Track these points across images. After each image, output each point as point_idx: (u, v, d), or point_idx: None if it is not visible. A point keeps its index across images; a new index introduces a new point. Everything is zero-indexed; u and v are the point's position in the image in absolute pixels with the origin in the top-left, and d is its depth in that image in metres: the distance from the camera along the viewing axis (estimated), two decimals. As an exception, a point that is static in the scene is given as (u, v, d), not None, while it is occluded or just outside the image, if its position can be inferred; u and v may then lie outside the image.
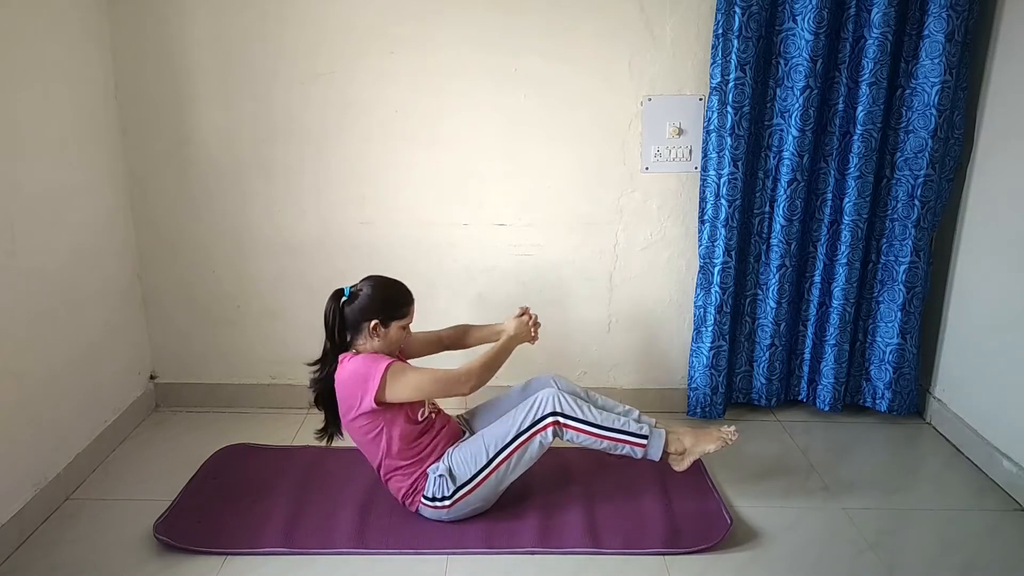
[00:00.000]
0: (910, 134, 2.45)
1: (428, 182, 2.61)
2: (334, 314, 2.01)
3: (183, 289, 2.71)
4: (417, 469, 2.04)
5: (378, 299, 2.02)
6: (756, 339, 2.70)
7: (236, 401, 2.80)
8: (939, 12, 2.31)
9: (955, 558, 1.97)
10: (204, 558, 1.93)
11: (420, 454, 2.04)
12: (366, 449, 2.07)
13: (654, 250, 2.69)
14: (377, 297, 2.02)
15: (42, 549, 1.98)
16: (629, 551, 1.97)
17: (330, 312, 2.02)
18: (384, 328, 2.02)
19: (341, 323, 2.02)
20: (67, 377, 2.25)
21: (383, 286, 2.06)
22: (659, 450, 2.06)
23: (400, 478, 2.05)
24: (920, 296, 2.58)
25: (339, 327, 2.02)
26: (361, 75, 2.50)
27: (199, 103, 2.53)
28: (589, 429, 2.01)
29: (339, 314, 2.01)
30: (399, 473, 2.04)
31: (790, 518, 2.13)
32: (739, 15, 2.33)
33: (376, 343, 2.02)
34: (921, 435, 2.65)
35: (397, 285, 2.08)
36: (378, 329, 2.01)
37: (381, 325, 2.01)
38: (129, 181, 2.59)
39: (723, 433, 2.10)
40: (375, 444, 2.03)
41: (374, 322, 2.00)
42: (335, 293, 2.04)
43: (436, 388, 2.02)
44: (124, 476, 2.34)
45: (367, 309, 2.00)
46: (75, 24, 2.30)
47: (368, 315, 2.00)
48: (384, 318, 2.01)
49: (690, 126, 2.56)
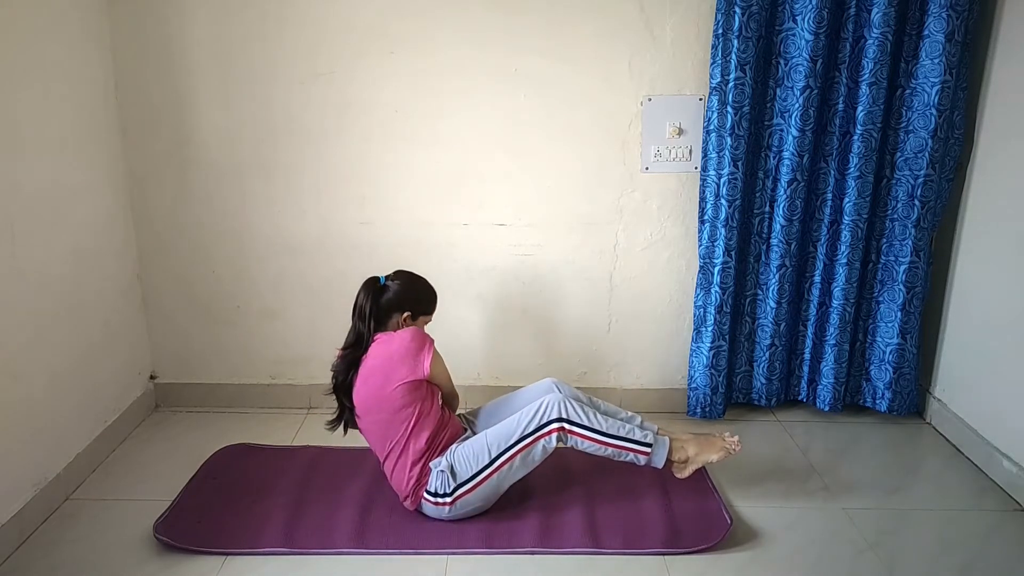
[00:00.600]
0: (910, 134, 2.45)
1: (428, 182, 2.61)
2: (371, 301, 2.07)
3: (183, 289, 2.71)
4: (421, 461, 2.04)
5: (412, 292, 2.13)
6: (756, 339, 2.70)
7: (236, 401, 2.80)
8: (939, 12, 2.31)
9: (955, 558, 1.97)
10: (204, 558, 1.93)
11: (432, 443, 2.05)
12: (387, 429, 2.04)
13: (654, 250, 2.69)
14: (411, 290, 2.13)
15: (42, 549, 1.98)
16: (629, 551, 1.97)
17: (365, 299, 2.08)
18: (412, 322, 2.12)
19: (376, 310, 2.08)
20: (67, 377, 2.25)
21: (416, 281, 2.16)
22: (663, 458, 2.06)
23: (404, 469, 2.04)
24: (920, 296, 2.58)
25: (376, 314, 2.08)
26: (361, 75, 2.51)
27: (199, 103, 2.53)
28: (594, 436, 2.01)
29: (375, 301, 2.08)
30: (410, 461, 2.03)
31: (790, 518, 2.13)
32: (739, 15, 2.33)
33: None
34: (921, 435, 2.65)
35: (427, 282, 2.19)
36: (407, 321, 2.11)
37: (411, 318, 2.12)
38: (129, 181, 2.59)
39: (727, 443, 2.11)
40: (400, 422, 2.01)
41: (406, 314, 2.10)
42: (370, 281, 2.12)
43: (450, 385, 2.17)
44: (124, 476, 2.34)
45: (401, 301, 2.10)
46: (75, 24, 2.30)
47: (402, 307, 2.10)
48: (414, 312, 2.12)
49: (690, 126, 2.56)
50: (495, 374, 2.80)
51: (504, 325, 2.77)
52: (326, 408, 2.31)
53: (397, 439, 2.04)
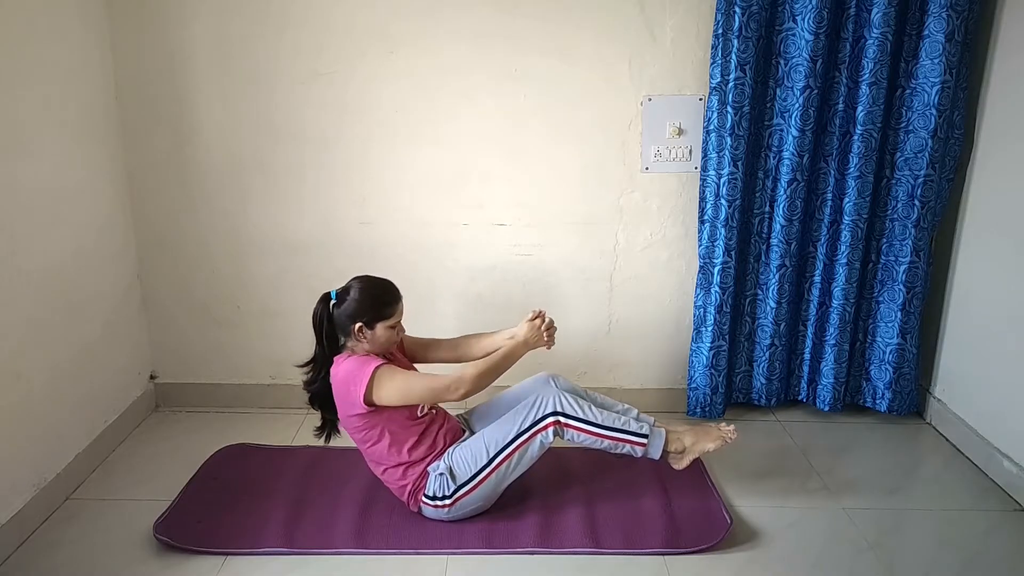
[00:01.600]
0: (910, 134, 2.45)
1: (428, 182, 2.61)
2: (322, 318, 2.02)
3: (183, 289, 2.71)
4: (418, 467, 2.04)
5: (363, 301, 1.99)
6: (756, 339, 2.70)
7: (236, 401, 2.80)
8: (939, 12, 2.31)
9: (955, 558, 1.97)
10: (204, 558, 1.93)
11: (421, 452, 2.04)
12: (366, 449, 2.07)
13: (654, 250, 2.69)
14: (362, 299, 1.99)
15: (42, 549, 1.98)
16: (629, 551, 1.97)
17: (318, 316, 2.02)
18: (370, 330, 1.99)
19: (330, 327, 2.02)
20: (67, 377, 2.25)
21: (367, 287, 2.02)
22: (659, 449, 2.06)
23: (401, 477, 2.04)
24: (920, 296, 2.58)
25: (328, 331, 2.02)
26: (361, 75, 2.51)
27: (199, 103, 2.53)
28: (590, 428, 2.01)
29: (327, 318, 2.02)
30: (400, 471, 2.04)
31: (790, 518, 2.13)
32: (739, 15, 2.33)
33: (365, 345, 2.01)
34: (921, 435, 2.65)
35: (383, 284, 2.05)
36: (364, 331, 1.98)
37: (366, 327, 1.98)
38: (129, 181, 2.59)
39: (722, 431, 2.11)
40: (375, 444, 2.03)
41: (358, 324, 1.97)
42: (322, 297, 2.04)
43: (425, 394, 2.01)
44: (124, 476, 2.34)
45: (353, 312, 1.98)
46: (76, 24, 2.30)
47: (354, 318, 1.98)
48: (368, 320, 1.98)
49: (690, 126, 2.56)
50: (495, 374, 2.80)
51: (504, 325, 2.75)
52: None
53: (378, 455, 2.05)
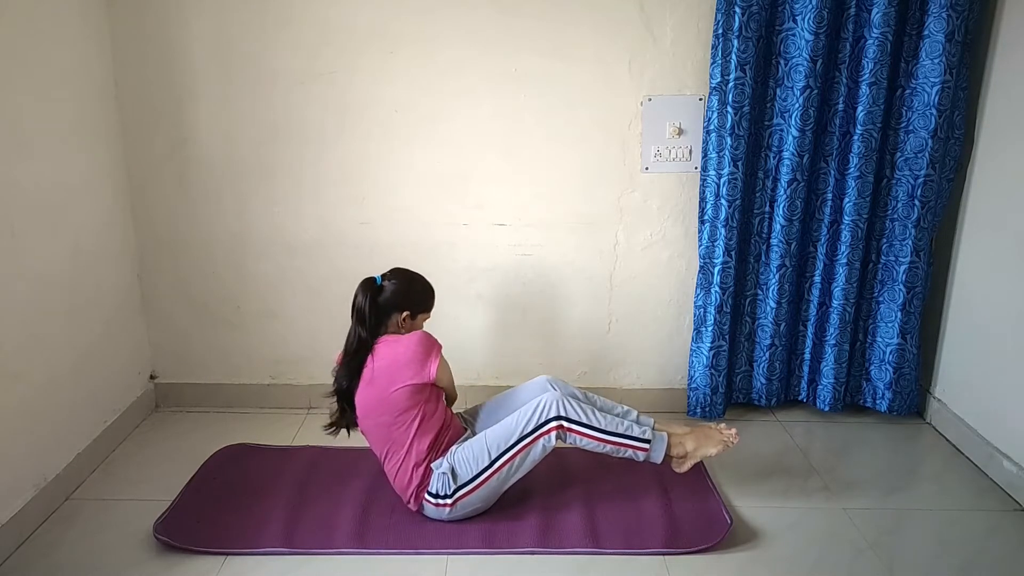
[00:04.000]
0: (910, 134, 2.45)
1: (428, 182, 2.61)
2: (369, 302, 2.05)
3: (183, 289, 2.71)
4: (424, 462, 2.04)
5: (409, 291, 2.11)
6: (756, 339, 2.70)
7: (236, 401, 2.80)
8: (939, 12, 2.31)
9: (955, 558, 1.97)
10: (204, 558, 1.93)
11: (432, 447, 2.05)
12: (390, 431, 2.03)
13: (654, 250, 2.69)
14: (408, 289, 2.11)
15: (42, 549, 1.98)
16: (629, 551, 1.97)
17: (363, 301, 2.06)
18: (412, 320, 2.11)
19: (375, 311, 2.06)
20: (67, 377, 2.25)
21: (413, 278, 2.14)
22: (661, 454, 2.06)
23: (406, 471, 2.04)
24: (920, 296, 2.58)
25: (372, 316, 2.06)
26: (361, 75, 2.51)
27: (199, 103, 2.53)
28: (593, 434, 2.01)
29: (374, 302, 2.06)
30: (407, 465, 2.03)
31: (790, 518, 2.13)
32: (739, 15, 2.33)
33: (403, 334, 2.08)
34: (921, 435, 2.65)
35: (423, 279, 2.17)
36: (407, 320, 2.09)
37: (411, 316, 2.10)
38: (129, 181, 2.59)
39: (724, 436, 2.11)
40: (405, 426, 2.01)
41: (405, 313, 2.08)
42: (367, 282, 2.09)
43: (452, 387, 2.19)
44: (124, 476, 2.34)
45: (399, 300, 2.08)
46: (75, 24, 2.30)
47: (400, 307, 2.08)
48: (414, 310, 2.11)
49: (690, 126, 2.56)
50: (495, 374, 2.80)
51: (504, 325, 2.77)
52: (326, 408, 2.30)
53: (400, 441, 2.04)
